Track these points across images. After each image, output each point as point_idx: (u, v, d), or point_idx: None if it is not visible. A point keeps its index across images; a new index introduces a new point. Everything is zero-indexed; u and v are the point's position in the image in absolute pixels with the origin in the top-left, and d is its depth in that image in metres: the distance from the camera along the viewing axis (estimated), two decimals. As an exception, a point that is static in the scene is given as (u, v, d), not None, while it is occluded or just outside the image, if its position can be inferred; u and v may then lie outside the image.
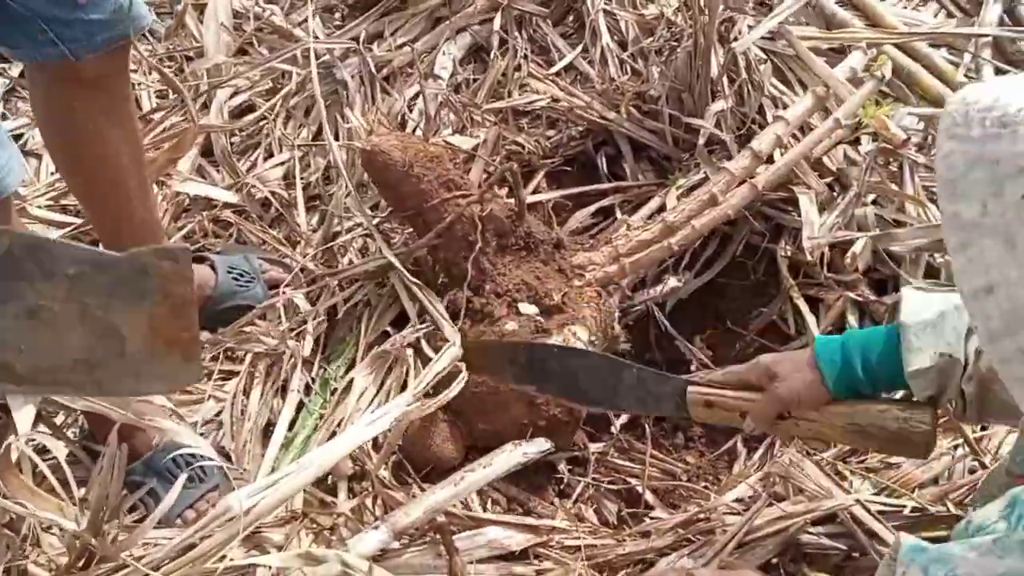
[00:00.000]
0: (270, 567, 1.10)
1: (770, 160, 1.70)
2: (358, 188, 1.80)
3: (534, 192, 1.83)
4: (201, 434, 1.38)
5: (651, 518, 1.35)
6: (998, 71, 1.88)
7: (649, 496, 1.43)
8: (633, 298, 1.62)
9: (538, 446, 1.27)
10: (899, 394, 1.06)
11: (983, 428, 1.32)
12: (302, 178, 1.81)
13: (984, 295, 0.68)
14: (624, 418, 1.57)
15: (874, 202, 1.71)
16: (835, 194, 1.72)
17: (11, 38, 1.21)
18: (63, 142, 1.35)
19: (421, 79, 1.86)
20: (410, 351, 1.44)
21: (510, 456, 1.24)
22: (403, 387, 1.42)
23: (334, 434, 1.30)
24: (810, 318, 1.54)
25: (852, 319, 1.59)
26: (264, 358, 1.47)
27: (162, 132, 1.84)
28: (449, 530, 1.23)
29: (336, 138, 1.80)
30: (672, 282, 1.71)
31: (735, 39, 1.88)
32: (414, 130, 1.86)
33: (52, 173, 1.83)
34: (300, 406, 1.43)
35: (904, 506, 1.21)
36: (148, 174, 1.44)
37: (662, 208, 1.74)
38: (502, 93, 1.97)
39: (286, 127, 1.92)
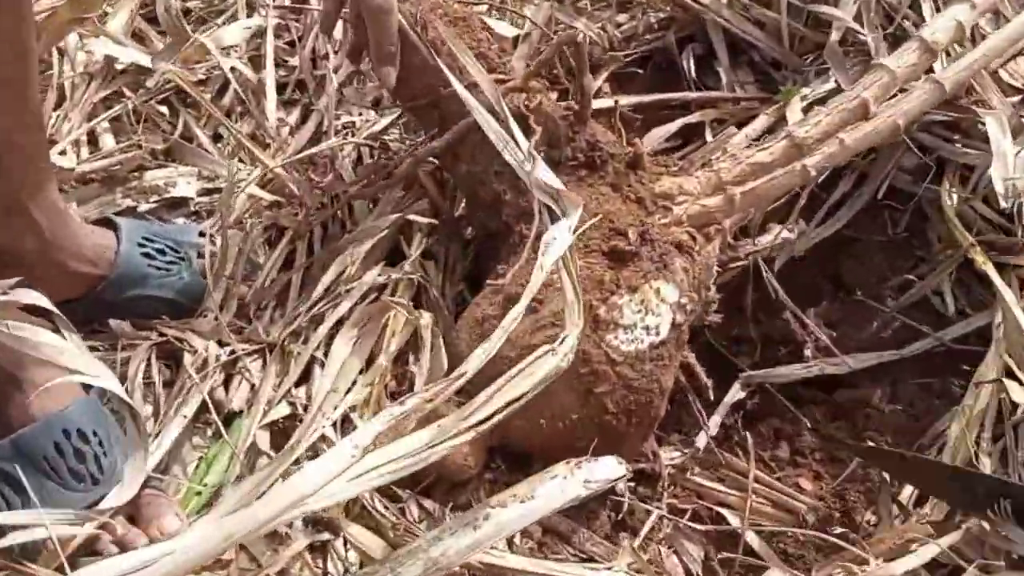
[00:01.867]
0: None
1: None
2: (356, 75, 1.32)
3: (594, 97, 1.34)
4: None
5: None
6: None
7: (754, 540, 0.97)
8: (737, 248, 1.14)
9: (608, 470, 0.79)
10: None
11: None
12: (279, 57, 1.33)
13: None
14: (715, 420, 1.10)
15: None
16: (1023, 119, 1.22)
17: None
18: None
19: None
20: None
21: (564, 486, 0.76)
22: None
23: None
24: (1007, 291, 1.05)
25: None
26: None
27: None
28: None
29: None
30: (783, 232, 1.22)
31: None
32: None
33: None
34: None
35: None
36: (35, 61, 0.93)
37: (771, 130, 1.26)
38: (559, -40, 1.46)
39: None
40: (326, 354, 0.97)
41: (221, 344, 0.99)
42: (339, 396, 0.88)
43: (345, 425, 0.90)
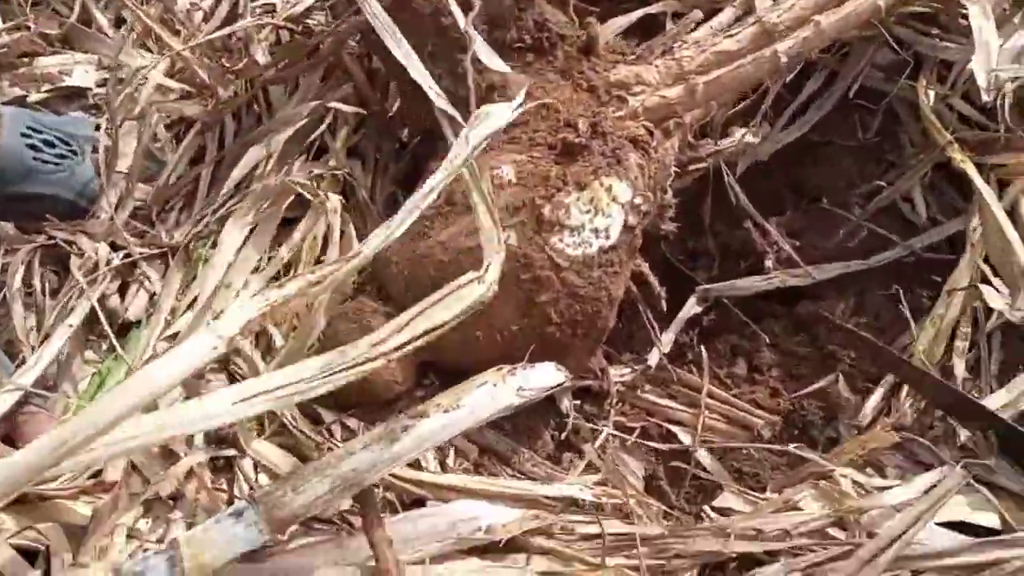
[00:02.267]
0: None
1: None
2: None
3: (546, -15, 1.21)
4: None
5: (717, 508, 0.82)
6: None
7: (705, 458, 0.90)
8: (697, 148, 1.04)
9: (544, 377, 0.70)
10: None
11: None
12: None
13: None
14: (669, 337, 1.02)
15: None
16: (1006, 11, 1.12)
17: None
18: None
19: None
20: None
21: (495, 394, 0.67)
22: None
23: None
24: (985, 189, 0.96)
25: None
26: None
27: None
28: (374, 502, 0.70)
29: None
30: (745, 135, 1.12)
31: None
32: None
33: None
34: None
35: None
36: None
37: (739, 20, 1.15)
38: None
39: None
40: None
41: (115, 247, 0.87)
42: (232, 293, 0.77)
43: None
